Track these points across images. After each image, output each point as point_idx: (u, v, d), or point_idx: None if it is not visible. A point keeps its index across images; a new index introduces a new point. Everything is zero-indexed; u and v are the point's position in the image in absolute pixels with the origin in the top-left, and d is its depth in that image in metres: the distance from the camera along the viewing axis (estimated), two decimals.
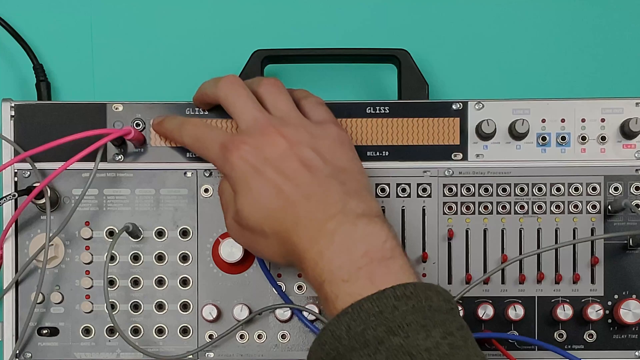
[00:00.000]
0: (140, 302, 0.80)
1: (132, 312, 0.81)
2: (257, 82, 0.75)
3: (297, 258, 0.69)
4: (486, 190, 0.80)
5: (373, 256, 0.66)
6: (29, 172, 0.80)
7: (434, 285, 0.66)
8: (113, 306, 0.80)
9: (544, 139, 0.80)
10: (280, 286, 0.80)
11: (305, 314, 0.79)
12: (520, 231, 0.80)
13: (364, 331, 0.62)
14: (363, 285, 0.64)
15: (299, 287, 0.80)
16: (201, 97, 0.77)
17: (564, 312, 0.79)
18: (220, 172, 0.74)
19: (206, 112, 0.79)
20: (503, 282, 0.80)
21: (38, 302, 0.79)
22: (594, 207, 0.80)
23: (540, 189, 0.80)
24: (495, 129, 0.79)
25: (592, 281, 0.80)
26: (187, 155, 0.80)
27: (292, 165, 0.70)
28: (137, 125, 0.80)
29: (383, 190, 0.80)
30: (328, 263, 0.66)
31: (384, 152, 0.80)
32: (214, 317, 0.79)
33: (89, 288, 0.80)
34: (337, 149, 0.72)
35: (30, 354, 0.80)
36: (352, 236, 0.67)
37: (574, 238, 0.80)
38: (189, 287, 0.80)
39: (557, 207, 0.80)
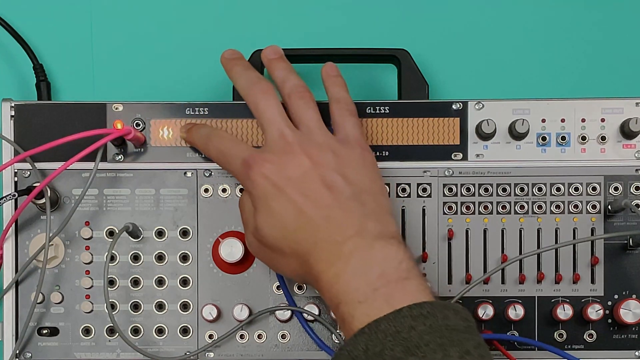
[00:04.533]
0: (140, 302, 0.80)
1: (132, 312, 0.81)
2: (287, 90, 0.75)
3: (314, 279, 0.69)
4: (486, 190, 0.80)
5: (389, 277, 0.66)
6: (29, 172, 0.80)
7: (451, 303, 0.66)
8: (113, 306, 0.80)
9: (544, 139, 0.80)
10: (286, 285, 0.80)
11: (305, 315, 0.79)
12: (520, 231, 0.80)
13: (381, 352, 0.62)
14: (379, 306, 0.64)
15: (299, 288, 0.80)
16: (232, 80, 0.77)
17: (564, 312, 0.79)
18: (244, 187, 0.74)
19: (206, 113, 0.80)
20: (503, 282, 0.80)
21: (38, 302, 0.79)
22: (594, 207, 0.80)
23: (540, 189, 0.80)
24: (495, 129, 0.79)
25: (592, 281, 0.80)
26: (187, 155, 0.80)
27: (314, 186, 0.70)
28: (137, 125, 0.80)
29: None
30: (344, 285, 0.67)
31: (384, 152, 0.80)
32: (214, 317, 0.79)
33: (89, 288, 0.80)
34: (360, 169, 0.72)
35: (30, 354, 0.80)
36: (368, 258, 0.67)
37: (574, 238, 0.80)
38: (189, 287, 0.80)
39: (557, 207, 0.80)
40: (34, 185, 0.77)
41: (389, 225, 0.70)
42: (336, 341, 0.80)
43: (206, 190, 0.80)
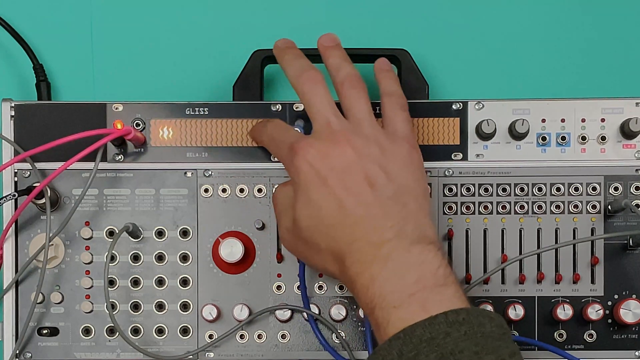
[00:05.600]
0: (140, 302, 0.80)
1: (132, 312, 0.81)
2: (340, 78, 0.73)
3: (349, 280, 0.68)
4: (486, 190, 0.80)
5: (426, 283, 0.65)
6: (29, 172, 0.80)
7: (487, 310, 0.65)
8: (113, 306, 0.80)
9: (544, 139, 0.80)
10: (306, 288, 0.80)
11: (304, 314, 0.79)
12: (520, 231, 0.80)
13: (415, 357, 0.61)
14: (414, 311, 0.64)
15: (299, 287, 0.80)
16: (283, 68, 0.76)
17: (564, 312, 0.79)
18: (289, 175, 0.73)
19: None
20: (503, 282, 0.80)
21: (38, 302, 0.79)
22: (594, 207, 0.80)
23: (540, 189, 0.80)
24: (495, 129, 0.79)
25: (592, 281, 0.80)
26: (187, 155, 0.80)
27: (357, 179, 0.69)
28: (137, 125, 0.80)
29: None
30: (380, 288, 0.66)
31: None
32: (214, 317, 0.79)
33: (89, 288, 0.80)
34: (404, 168, 0.71)
35: (30, 354, 0.80)
36: (405, 262, 0.66)
37: (574, 238, 0.80)
38: (189, 287, 0.80)
39: (557, 207, 0.80)
40: (34, 185, 0.77)
41: (428, 230, 0.69)
42: (336, 341, 0.80)
43: (206, 190, 0.80)
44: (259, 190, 0.80)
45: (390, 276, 0.66)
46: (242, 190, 0.80)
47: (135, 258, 0.80)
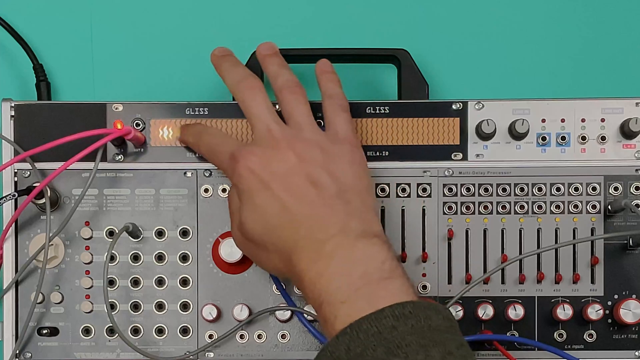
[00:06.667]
0: (140, 302, 0.80)
1: (132, 312, 0.81)
2: (279, 85, 0.75)
3: (297, 278, 0.69)
4: (486, 190, 0.80)
5: (371, 277, 0.65)
6: (29, 172, 0.80)
7: (434, 303, 0.65)
8: (113, 306, 0.80)
9: (544, 139, 0.80)
10: (283, 286, 0.80)
11: (305, 314, 0.79)
12: (520, 231, 0.80)
13: (363, 352, 0.62)
14: (361, 306, 0.64)
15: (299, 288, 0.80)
16: (221, 76, 0.77)
17: (564, 312, 0.79)
18: (231, 182, 0.74)
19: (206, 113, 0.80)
20: (503, 282, 0.80)
21: (38, 302, 0.79)
22: (594, 207, 0.80)
23: (540, 189, 0.80)
24: (495, 129, 0.79)
25: (592, 281, 0.80)
26: (187, 155, 0.80)
27: (299, 182, 0.70)
28: (137, 125, 0.80)
29: (383, 190, 0.80)
30: (326, 284, 0.66)
31: (383, 152, 0.80)
32: (214, 317, 0.79)
33: (89, 288, 0.80)
34: (347, 166, 0.72)
35: (30, 354, 0.80)
36: (350, 257, 0.67)
37: (574, 238, 0.80)
38: (189, 287, 0.80)
39: (557, 207, 0.80)
40: (34, 185, 0.77)
41: (373, 224, 0.70)
42: None
43: (206, 190, 0.80)
44: None
45: (336, 272, 0.66)
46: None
47: (135, 258, 0.80)
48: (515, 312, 0.79)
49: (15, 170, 0.80)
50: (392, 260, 0.67)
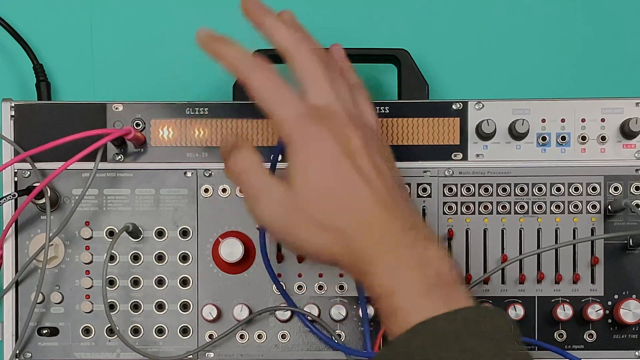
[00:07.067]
0: (140, 302, 0.80)
1: (132, 312, 0.81)
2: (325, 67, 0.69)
3: (361, 261, 0.65)
4: (486, 190, 0.80)
5: (444, 279, 0.64)
6: (29, 172, 0.80)
7: (502, 311, 0.65)
8: (113, 306, 0.80)
9: (544, 139, 0.80)
10: (283, 286, 0.80)
11: (305, 314, 0.79)
12: (520, 231, 0.80)
13: (436, 350, 0.61)
14: (437, 305, 0.63)
15: (299, 287, 0.80)
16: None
17: (564, 312, 0.79)
18: (283, 139, 0.66)
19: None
20: (503, 282, 0.80)
21: (38, 302, 0.79)
22: (594, 207, 0.80)
23: (540, 189, 0.80)
24: (495, 129, 0.79)
25: (592, 281, 0.80)
26: (187, 155, 0.80)
27: (368, 165, 0.66)
28: (137, 125, 0.80)
29: None
30: (404, 273, 0.64)
31: None
32: (214, 317, 0.79)
33: (89, 288, 0.80)
34: (391, 158, 0.71)
35: (30, 354, 0.80)
36: (427, 254, 0.65)
37: (574, 238, 0.80)
38: (189, 287, 0.80)
39: (557, 207, 0.80)
40: (34, 185, 0.77)
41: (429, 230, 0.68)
42: (335, 342, 0.80)
43: (206, 190, 0.80)
44: None
45: (415, 264, 0.64)
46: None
47: (135, 258, 0.80)
48: (516, 312, 0.79)
49: (15, 170, 0.80)
50: (455, 267, 0.66)
